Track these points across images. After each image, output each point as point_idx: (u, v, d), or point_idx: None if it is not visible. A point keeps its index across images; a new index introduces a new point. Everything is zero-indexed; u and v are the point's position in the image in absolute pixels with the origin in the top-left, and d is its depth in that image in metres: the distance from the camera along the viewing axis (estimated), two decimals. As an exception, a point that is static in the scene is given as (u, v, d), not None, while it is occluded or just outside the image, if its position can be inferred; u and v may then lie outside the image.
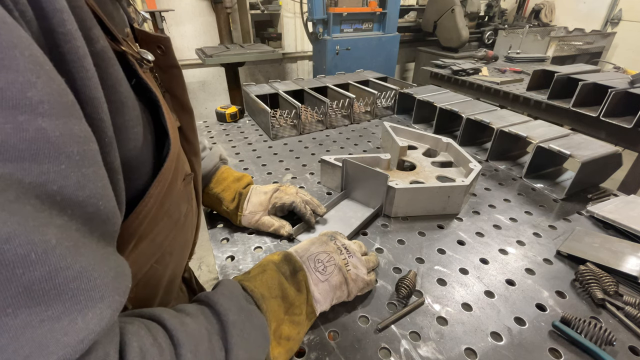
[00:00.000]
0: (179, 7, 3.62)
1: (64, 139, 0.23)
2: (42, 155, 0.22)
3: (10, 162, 0.20)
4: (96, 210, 0.26)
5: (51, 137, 0.22)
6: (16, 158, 0.20)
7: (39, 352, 0.22)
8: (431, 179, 1.01)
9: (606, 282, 0.69)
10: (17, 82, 0.20)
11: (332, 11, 3.39)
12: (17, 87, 0.20)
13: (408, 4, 4.81)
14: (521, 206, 1.00)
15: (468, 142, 1.36)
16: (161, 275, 0.47)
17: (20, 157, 0.21)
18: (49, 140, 0.22)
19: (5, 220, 0.20)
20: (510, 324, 0.64)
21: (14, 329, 0.21)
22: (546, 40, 3.60)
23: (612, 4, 4.54)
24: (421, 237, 0.87)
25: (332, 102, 1.61)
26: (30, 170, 0.21)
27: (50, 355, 0.22)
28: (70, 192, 0.24)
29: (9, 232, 0.20)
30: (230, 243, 0.84)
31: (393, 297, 0.69)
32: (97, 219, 0.27)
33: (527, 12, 5.30)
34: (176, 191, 0.44)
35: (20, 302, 0.21)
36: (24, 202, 0.21)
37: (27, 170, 0.21)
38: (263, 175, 1.15)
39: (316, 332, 0.62)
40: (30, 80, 0.21)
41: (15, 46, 0.20)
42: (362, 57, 3.67)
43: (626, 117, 1.77)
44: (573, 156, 0.98)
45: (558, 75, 1.99)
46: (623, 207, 0.94)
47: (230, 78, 3.60)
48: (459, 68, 2.70)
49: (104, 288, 0.26)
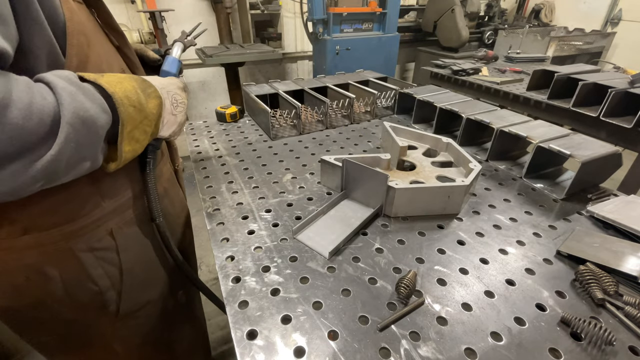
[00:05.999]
0: (179, 7, 3.62)
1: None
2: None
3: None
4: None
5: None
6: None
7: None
8: (431, 179, 1.01)
9: (606, 282, 0.69)
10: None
11: (332, 11, 3.40)
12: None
13: (408, 4, 4.81)
14: (521, 206, 1.00)
15: (468, 142, 1.36)
16: None
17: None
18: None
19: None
20: (510, 324, 0.64)
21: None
22: (546, 40, 3.61)
23: (612, 4, 4.54)
24: (421, 237, 0.87)
25: (332, 102, 1.61)
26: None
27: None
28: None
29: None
30: (230, 243, 0.84)
31: (393, 297, 0.69)
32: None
33: (527, 12, 5.31)
34: None
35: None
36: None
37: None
38: (263, 175, 1.15)
39: (316, 332, 0.62)
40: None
41: None
42: (362, 57, 3.67)
43: (626, 117, 1.77)
44: (573, 156, 0.98)
45: (558, 75, 1.99)
46: (623, 207, 0.94)
47: (230, 78, 3.61)
48: (459, 68, 2.70)
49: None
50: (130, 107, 0.63)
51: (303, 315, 0.65)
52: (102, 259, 0.77)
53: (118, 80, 0.64)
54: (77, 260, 0.73)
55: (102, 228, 0.76)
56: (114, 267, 0.80)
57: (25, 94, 0.46)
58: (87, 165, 0.58)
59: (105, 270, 0.78)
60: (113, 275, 0.80)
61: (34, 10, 0.52)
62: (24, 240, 0.66)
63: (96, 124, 0.55)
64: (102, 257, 0.77)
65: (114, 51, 0.78)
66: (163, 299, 0.98)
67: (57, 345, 0.84)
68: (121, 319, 0.86)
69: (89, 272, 0.75)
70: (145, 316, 0.93)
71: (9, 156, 0.45)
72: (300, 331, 0.62)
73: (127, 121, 0.63)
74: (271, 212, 0.96)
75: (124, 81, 0.65)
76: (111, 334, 0.88)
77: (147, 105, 0.69)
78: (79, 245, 0.72)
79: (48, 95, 0.49)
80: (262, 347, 0.59)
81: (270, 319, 0.65)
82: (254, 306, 0.67)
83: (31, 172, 0.48)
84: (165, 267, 0.97)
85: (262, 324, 0.64)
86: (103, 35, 0.75)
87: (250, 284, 0.72)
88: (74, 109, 0.51)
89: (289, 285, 0.72)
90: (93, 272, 0.76)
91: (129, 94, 0.64)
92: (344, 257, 0.80)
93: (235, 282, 0.73)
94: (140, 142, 0.69)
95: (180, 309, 1.09)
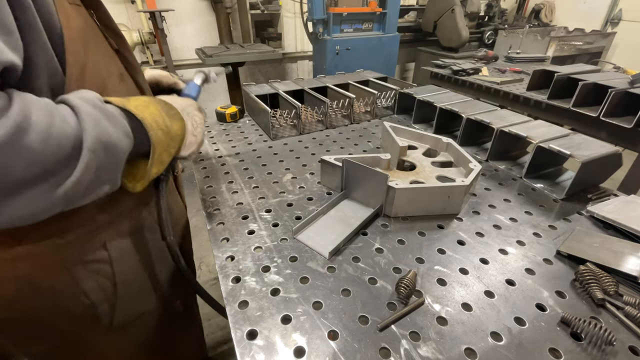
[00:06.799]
0: (179, 7, 3.62)
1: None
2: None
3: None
4: None
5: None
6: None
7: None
8: (431, 179, 1.01)
9: (606, 282, 0.69)
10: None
11: (332, 11, 3.40)
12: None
13: (408, 4, 4.81)
14: (521, 206, 1.00)
15: (468, 142, 1.36)
16: None
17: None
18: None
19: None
20: (510, 324, 0.64)
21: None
22: (546, 40, 3.61)
23: (612, 4, 4.54)
24: (421, 237, 0.87)
25: (332, 102, 1.61)
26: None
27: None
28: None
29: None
30: (231, 243, 0.84)
31: (393, 297, 0.69)
32: None
33: (527, 12, 5.31)
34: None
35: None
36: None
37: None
38: (263, 175, 1.15)
39: (316, 332, 0.62)
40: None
41: None
42: (362, 57, 3.67)
43: (626, 117, 1.76)
44: (573, 156, 0.98)
45: (558, 75, 1.99)
46: (623, 207, 0.94)
47: (230, 78, 3.61)
48: (459, 68, 2.70)
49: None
50: (159, 130, 0.64)
51: (303, 315, 0.65)
52: (94, 271, 0.75)
53: (144, 104, 0.64)
54: (68, 272, 0.71)
55: (96, 240, 0.74)
56: (107, 279, 0.78)
57: (45, 117, 0.44)
58: (106, 188, 0.57)
59: (98, 283, 0.76)
60: (106, 287, 0.78)
61: (31, 15, 0.50)
62: (16, 251, 0.64)
63: (117, 149, 0.55)
64: (94, 270, 0.75)
65: (112, 55, 0.76)
66: (159, 309, 0.96)
67: (50, 355, 0.82)
68: (116, 330, 0.84)
69: (81, 285, 0.73)
70: (140, 326, 0.92)
71: (28, 181, 0.44)
72: (300, 331, 0.62)
73: (157, 145, 0.63)
74: (271, 212, 0.96)
75: (150, 105, 0.65)
76: (105, 345, 0.86)
77: (172, 127, 0.69)
78: (71, 257, 0.70)
79: (70, 118, 0.48)
80: (262, 347, 0.59)
81: (270, 319, 0.65)
82: (254, 306, 0.67)
83: (52, 197, 0.48)
84: (162, 278, 0.94)
85: (262, 324, 0.64)
86: (102, 38, 0.73)
87: (250, 284, 0.72)
88: (96, 135, 0.50)
89: (289, 285, 0.72)
90: (85, 285, 0.74)
91: (157, 118, 0.64)
92: (344, 257, 0.80)
93: (235, 282, 0.73)
94: (164, 163, 0.70)
95: (178, 318, 1.08)
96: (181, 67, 3.88)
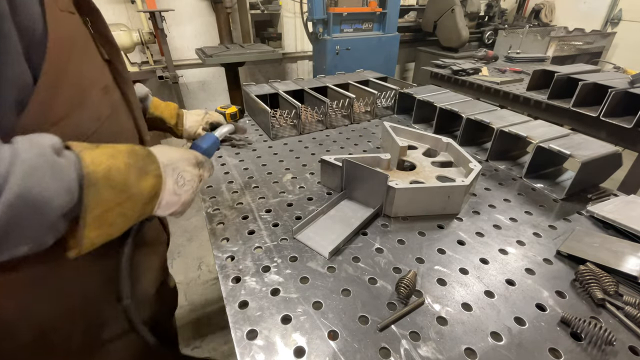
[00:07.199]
0: (179, 7, 3.62)
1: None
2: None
3: None
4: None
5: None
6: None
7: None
8: (431, 179, 1.01)
9: (606, 282, 0.69)
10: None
11: (332, 11, 3.39)
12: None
13: (408, 4, 4.81)
14: (521, 206, 1.00)
15: (468, 142, 1.36)
16: None
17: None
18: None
19: None
20: (510, 324, 0.64)
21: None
22: (546, 40, 3.61)
23: (612, 4, 4.54)
24: (421, 237, 0.87)
25: (332, 102, 1.61)
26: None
27: None
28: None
29: None
30: (230, 243, 0.84)
31: (393, 297, 0.69)
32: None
33: (527, 12, 5.30)
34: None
35: None
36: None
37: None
38: (263, 175, 1.15)
39: (316, 332, 0.62)
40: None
41: None
42: (362, 57, 3.67)
43: (626, 117, 1.76)
44: (573, 156, 0.98)
45: (558, 75, 1.99)
46: (623, 207, 0.94)
47: (230, 78, 3.61)
48: (459, 68, 2.70)
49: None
50: (108, 188, 0.56)
51: (303, 315, 0.65)
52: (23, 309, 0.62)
53: (111, 154, 0.57)
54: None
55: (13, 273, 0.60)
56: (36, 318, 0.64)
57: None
58: (24, 249, 0.49)
59: None
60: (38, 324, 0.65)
61: (7, 25, 0.47)
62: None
63: (47, 206, 0.48)
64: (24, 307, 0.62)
65: (101, 65, 0.71)
66: None
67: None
68: None
69: None
70: None
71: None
72: (300, 331, 0.62)
73: (94, 204, 0.54)
74: (271, 212, 0.96)
75: (118, 156, 0.58)
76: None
77: (138, 185, 0.60)
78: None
79: (2, 163, 0.43)
80: (262, 347, 0.59)
81: (270, 319, 0.65)
82: (254, 306, 0.67)
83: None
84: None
85: (262, 324, 0.64)
86: (93, 47, 0.69)
87: (250, 284, 0.72)
88: (21, 189, 0.44)
89: (289, 285, 0.72)
90: None
91: (113, 173, 0.56)
92: (344, 257, 0.80)
93: (235, 282, 0.73)
94: (116, 225, 0.59)
95: None
96: (181, 67, 3.88)
